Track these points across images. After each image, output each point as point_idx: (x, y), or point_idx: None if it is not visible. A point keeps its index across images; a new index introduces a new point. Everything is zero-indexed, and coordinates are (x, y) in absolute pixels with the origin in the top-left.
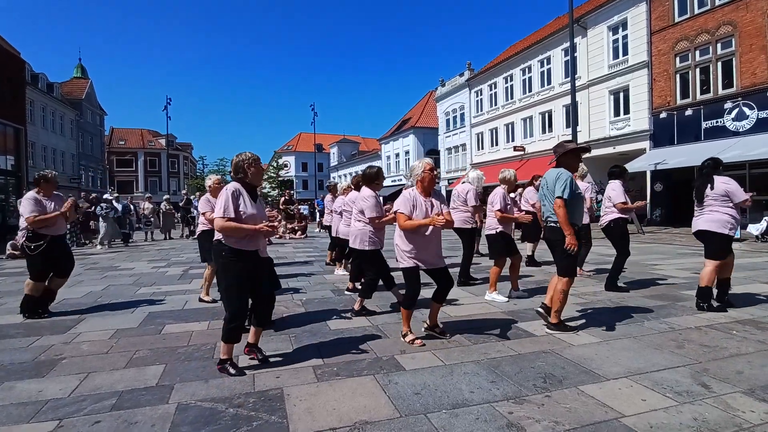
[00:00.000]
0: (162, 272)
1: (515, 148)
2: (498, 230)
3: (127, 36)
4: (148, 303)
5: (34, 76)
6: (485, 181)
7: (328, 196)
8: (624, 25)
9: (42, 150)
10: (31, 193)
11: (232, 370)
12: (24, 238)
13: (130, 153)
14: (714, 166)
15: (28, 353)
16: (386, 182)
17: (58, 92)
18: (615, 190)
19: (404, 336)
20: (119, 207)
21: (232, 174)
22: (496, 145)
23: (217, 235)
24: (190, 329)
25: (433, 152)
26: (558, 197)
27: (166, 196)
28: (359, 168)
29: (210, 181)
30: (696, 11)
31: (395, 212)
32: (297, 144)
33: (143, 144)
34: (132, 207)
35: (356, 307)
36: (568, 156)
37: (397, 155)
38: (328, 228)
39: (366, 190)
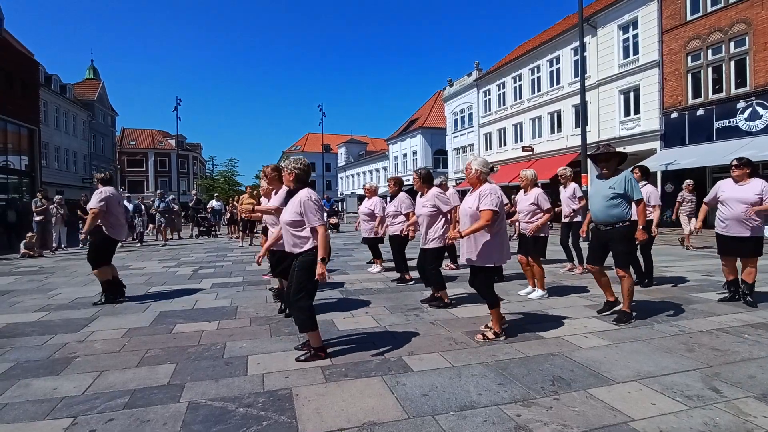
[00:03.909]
0: (172, 272)
1: (524, 149)
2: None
3: (138, 37)
4: (159, 302)
5: (47, 78)
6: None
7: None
8: (635, 23)
9: (55, 150)
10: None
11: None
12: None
13: (141, 153)
14: None
15: (43, 351)
16: None
17: (71, 93)
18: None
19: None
20: (130, 207)
21: (300, 176)
22: (504, 145)
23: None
24: (201, 329)
25: (440, 152)
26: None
27: (171, 196)
28: (367, 168)
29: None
30: (708, 9)
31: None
32: (305, 144)
33: (153, 144)
34: (143, 207)
35: (446, 300)
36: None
37: (405, 155)
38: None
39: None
